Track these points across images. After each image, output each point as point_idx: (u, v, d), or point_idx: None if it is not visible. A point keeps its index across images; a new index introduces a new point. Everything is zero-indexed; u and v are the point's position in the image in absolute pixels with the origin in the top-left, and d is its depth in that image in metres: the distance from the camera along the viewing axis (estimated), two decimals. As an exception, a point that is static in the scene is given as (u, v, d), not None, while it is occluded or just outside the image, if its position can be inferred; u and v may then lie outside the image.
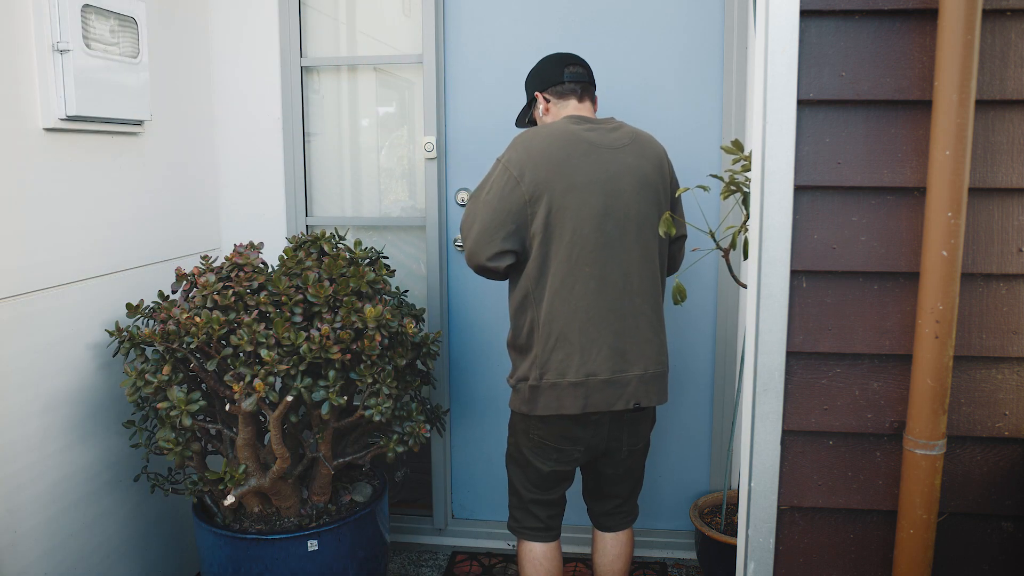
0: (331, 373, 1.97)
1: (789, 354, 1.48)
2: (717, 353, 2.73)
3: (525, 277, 1.93)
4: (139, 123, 2.33)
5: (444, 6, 2.69)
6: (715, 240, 2.28)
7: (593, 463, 2.08)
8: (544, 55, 2.16)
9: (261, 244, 2.20)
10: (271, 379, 1.92)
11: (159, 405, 1.93)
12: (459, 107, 2.73)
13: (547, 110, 2.07)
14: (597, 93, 2.13)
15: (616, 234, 1.90)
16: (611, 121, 2.01)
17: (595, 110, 2.11)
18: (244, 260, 2.09)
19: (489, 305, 2.83)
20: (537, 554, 2.06)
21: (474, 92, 2.75)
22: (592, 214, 1.87)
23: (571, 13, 2.66)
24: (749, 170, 2.02)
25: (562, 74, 2.03)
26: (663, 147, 2.06)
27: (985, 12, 1.35)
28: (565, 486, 2.08)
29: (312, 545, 2.11)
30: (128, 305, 2.10)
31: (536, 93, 2.08)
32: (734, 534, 2.42)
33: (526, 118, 2.18)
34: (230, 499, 2.05)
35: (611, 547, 2.14)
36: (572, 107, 2.04)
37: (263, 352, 1.90)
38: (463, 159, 2.77)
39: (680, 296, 2.24)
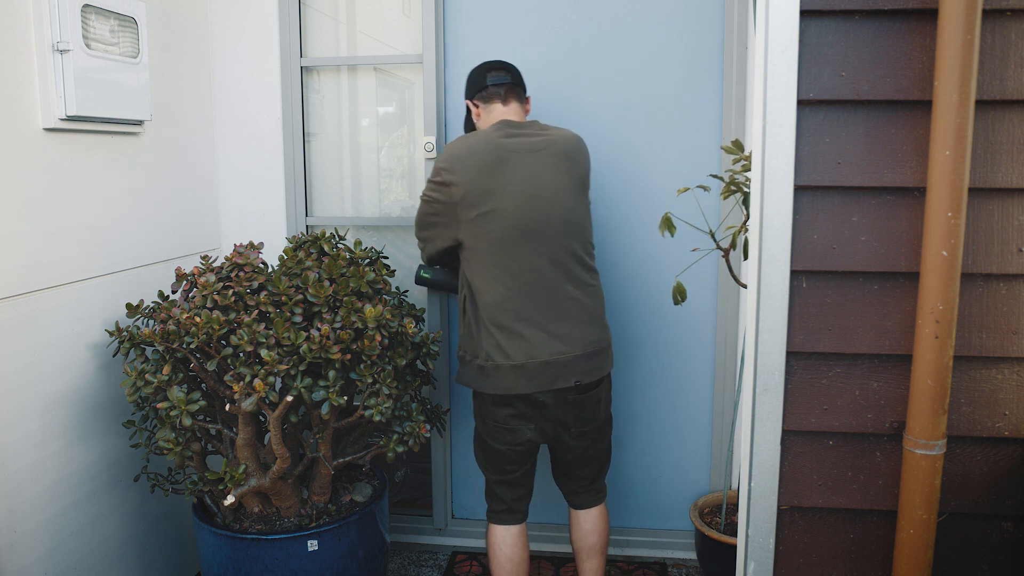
0: (331, 373, 1.97)
1: (789, 354, 1.48)
2: (717, 353, 2.73)
3: (463, 274, 2.13)
4: (139, 123, 2.33)
5: (444, 6, 2.69)
6: (715, 240, 2.28)
7: (551, 448, 2.23)
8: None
9: (261, 244, 2.20)
10: (271, 379, 1.91)
11: (159, 405, 1.93)
12: (459, 107, 2.73)
13: (478, 115, 2.22)
14: (597, 92, 2.13)
15: (542, 228, 2.04)
16: (534, 125, 2.15)
17: (526, 111, 2.23)
18: (244, 260, 2.09)
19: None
20: (498, 538, 2.20)
21: (474, 92, 2.74)
22: (516, 213, 2.02)
23: (571, 13, 2.66)
24: (749, 170, 2.02)
25: (485, 79, 2.18)
26: (580, 139, 2.17)
27: (985, 12, 1.35)
28: (526, 468, 2.19)
29: (312, 545, 2.11)
30: (128, 305, 2.10)
31: (467, 101, 2.24)
32: (734, 534, 2.42)
33: (468, 125, 2.33)
34: (230, 499, 2.05)
35: (584, 522, 2.25)
36: (498, 111, 2.18)
37: (263, 352, 1.90)
38: (463, 159, 2.76)
39: (680, 296, 2.24)
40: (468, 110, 2.26)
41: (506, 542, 2.18)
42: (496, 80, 2.16)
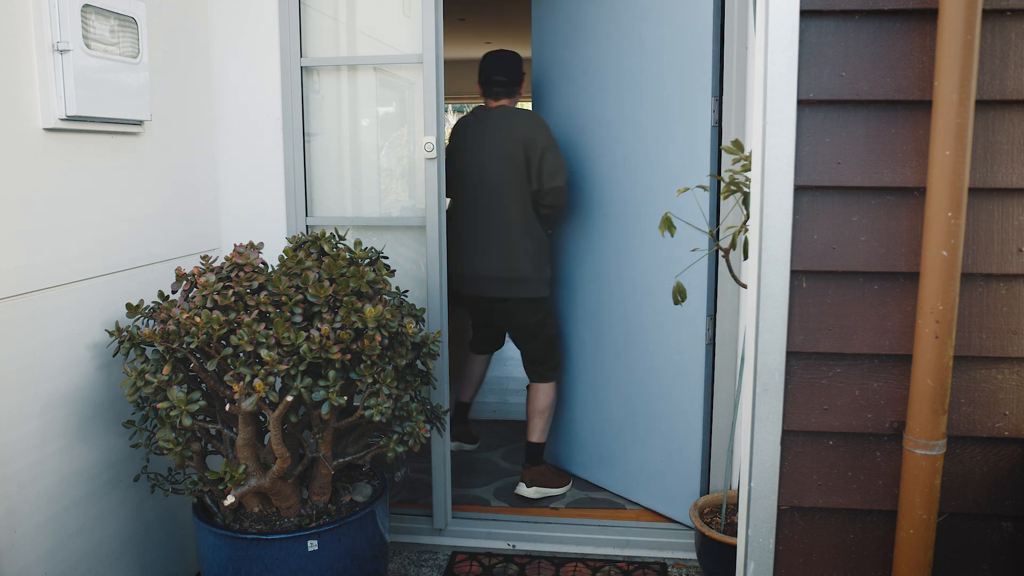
0: (331, 373, 1.97)
1: (789, 354, 1.48)
2: (717, 353, 2.73)
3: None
4: (139, 123, 2.33)
5: (444, 6, 2.68)
6: (715, 240, 2.28)
7: (501, 328, 3.30)
8: (498, 50, 3.03)
9: (261, 244, 2.20)
10: (271, 379, 1.91)
11: (159, 405, 1.93)
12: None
13: (480, 95, 3.07)
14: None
15: (484, 183, 2.93)
16: (500, 109, 2.97)
17: (514, 100, 3.01)
18: (244, 260, 2.09)
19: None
20: (468, 357, 3.44)
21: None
22: (468, 171, 2.96)
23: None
24: (749, 170, 2.02)
25: (488, 84, 3.00)
26: (529, 119, 2.90)
27: (985, 12, 1.35)
28: (489, 337, 3.39)
29: (312, 545, 2.11)
30: (128, 305, 2.10)
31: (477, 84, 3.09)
32: (734, 534, 2.42)
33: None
34: (230, 499, 2.05)
35: (533, 392, 3.13)
36: (488, 103, 3.04)
37: (263, 352, 1.90)
38: (463, 159, 2.77)
39: (680, 296, 2.24)
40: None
41: (470, 357, 3.44)
42: (496, 86, 2.96)
